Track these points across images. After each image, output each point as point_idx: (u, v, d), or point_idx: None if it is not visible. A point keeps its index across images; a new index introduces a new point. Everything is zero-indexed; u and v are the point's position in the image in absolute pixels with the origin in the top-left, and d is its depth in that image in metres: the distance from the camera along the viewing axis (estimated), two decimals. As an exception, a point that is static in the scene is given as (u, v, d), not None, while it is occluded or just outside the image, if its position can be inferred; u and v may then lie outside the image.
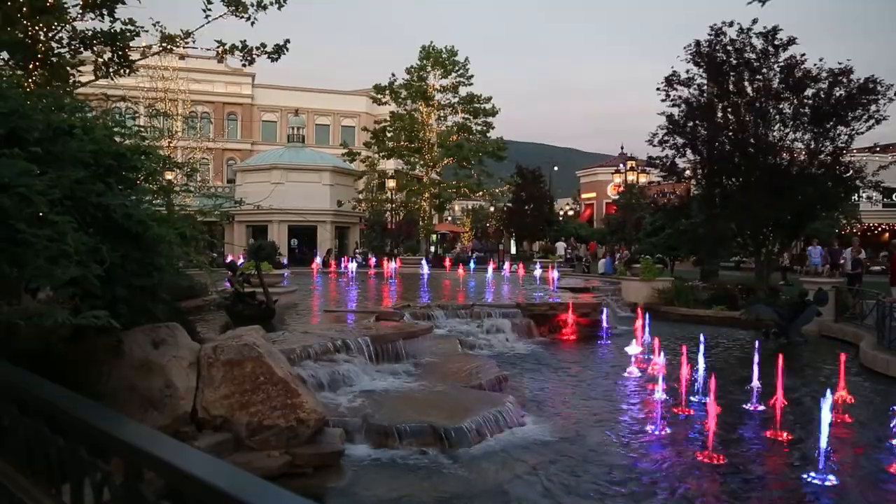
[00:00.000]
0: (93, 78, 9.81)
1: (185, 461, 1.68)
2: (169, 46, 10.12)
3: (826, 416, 5.89)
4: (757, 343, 9.71)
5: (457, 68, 40.93)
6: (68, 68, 9.29)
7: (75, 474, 2.19)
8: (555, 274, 20.34)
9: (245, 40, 10.21)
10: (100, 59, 9.66)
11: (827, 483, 5.77)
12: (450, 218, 58.93)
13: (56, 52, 9.19)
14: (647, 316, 12.41)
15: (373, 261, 27.98)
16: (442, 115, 42.20)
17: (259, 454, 5.74)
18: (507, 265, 24.86)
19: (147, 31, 9.65)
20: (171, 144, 29.67)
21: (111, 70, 9.72)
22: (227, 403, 5.88)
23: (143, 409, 5.52)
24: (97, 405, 2.38)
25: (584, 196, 58.88)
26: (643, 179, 33.22)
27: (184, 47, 10.37)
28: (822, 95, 16.86)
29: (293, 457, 5.78)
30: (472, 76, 41.14)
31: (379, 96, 41.37)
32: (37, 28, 8.84)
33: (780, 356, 7.90)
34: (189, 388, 5.83)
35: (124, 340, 5.60)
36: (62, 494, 2.38)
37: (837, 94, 16.76)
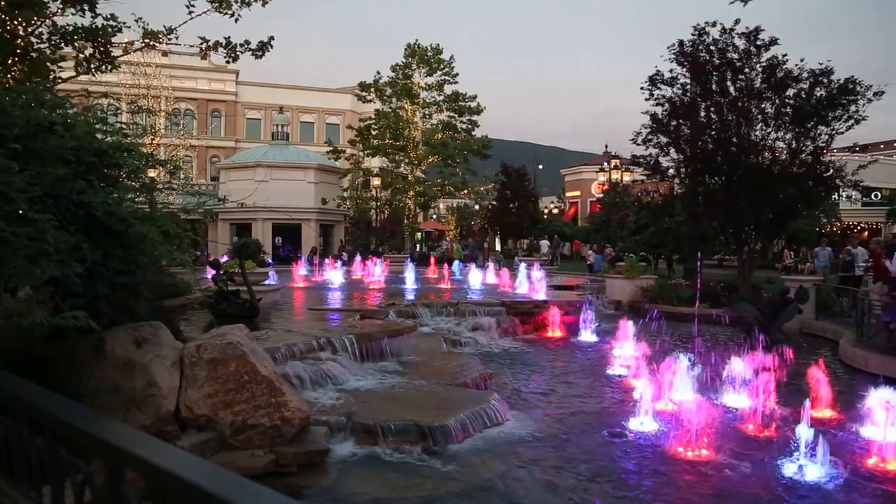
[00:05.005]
0: (74, 74, 9.68)
1: (168, 461, 1.67)
2: (151, 43, 10.01)
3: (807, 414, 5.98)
4: (740, 340, 9.80)
5: (442, 66, 40.96)
6: (48, 64, 9.13)
7: (56, 476, 2.17)
8: (539, 272, 20.37)
9: (229, 37, 10.14)
10: (81, 55, 9.52)
11: (807, 479, 5.86)
12: (434, 216, 58.91)
13: (36, 47, 9.04)
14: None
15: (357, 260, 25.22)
16: (427, 113, 42.20)
17: (243, 453, 5.72)
18: (491, 265, 24.82)
19: (129, 27, 9.54)
20: (154, 141, 29.36)
21: (93, 66, 9.57)
22: (211, 402, 5.85)
23: (127, 408, 5.47)
24: (78, 405, 2.36)
25: (568, 194, 59.10)
26: (627, 178, 33.43)
27: (167, 44, 10.26)
28: (804, 95, 17.03)
29: (278, 456, 5.77)
30: (457, 74, 41.23)
31: (364, 94, 41.29)
32: (16, 23, 8.68)
33: (763, 352, 7.98)
34: (172, 388, 5.78)
35: (106, 339, 5.54)
36: (42, 497, 2.35)
37: (818, 95, 16.93)
